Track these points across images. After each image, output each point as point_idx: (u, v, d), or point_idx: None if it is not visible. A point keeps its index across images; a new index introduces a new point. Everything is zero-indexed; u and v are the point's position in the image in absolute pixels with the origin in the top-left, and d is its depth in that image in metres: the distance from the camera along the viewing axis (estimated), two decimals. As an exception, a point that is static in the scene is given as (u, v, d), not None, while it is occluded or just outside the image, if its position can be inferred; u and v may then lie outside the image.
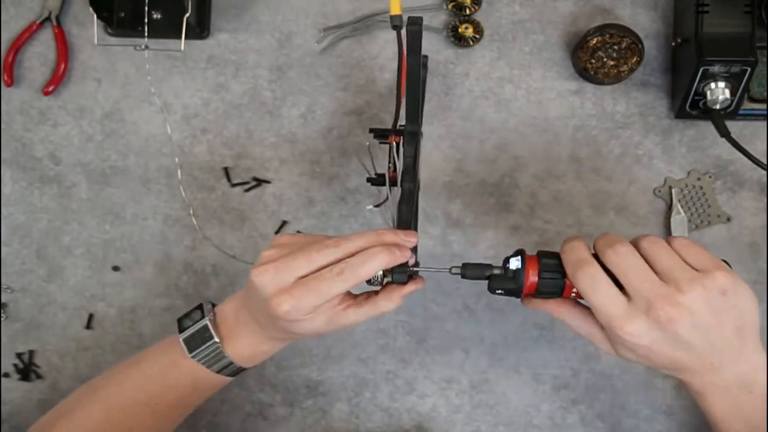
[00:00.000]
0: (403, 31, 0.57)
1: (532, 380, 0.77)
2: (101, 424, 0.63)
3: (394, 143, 0.63)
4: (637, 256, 0.54)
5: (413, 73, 0.58)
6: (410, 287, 0.59)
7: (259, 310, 0.59)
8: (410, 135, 0.62)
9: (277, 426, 0.78)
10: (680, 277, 0.52)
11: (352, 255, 0.56)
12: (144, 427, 0.64)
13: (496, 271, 0.58)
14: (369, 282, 0.57)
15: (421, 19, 0.57)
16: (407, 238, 0.57)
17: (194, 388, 0.64)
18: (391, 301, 0.58)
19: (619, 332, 0.53)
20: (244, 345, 0.62)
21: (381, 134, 0.65)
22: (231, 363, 0.63)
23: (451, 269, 0.59)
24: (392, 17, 0.56)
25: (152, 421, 0.64)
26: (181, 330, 0.63)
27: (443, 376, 0.78)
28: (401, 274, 0.57)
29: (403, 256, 0.56)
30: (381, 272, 0.57)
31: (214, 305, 0.65)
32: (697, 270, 0.53)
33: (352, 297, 0.59)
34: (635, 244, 0.55)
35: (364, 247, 0.56)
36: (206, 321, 0.63)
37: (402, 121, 0.63)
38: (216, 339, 0.62)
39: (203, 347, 0.62)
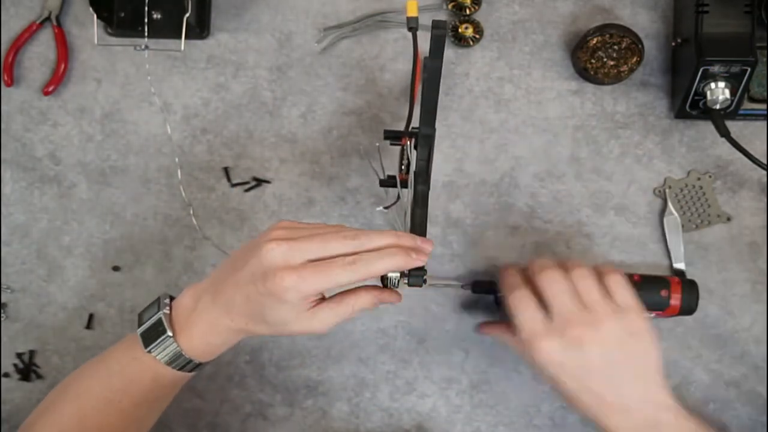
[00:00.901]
0: (420, 33, 0.57)
1: (532, 380, 0.77)
2: (74, 424, 0.63)
3: (407, 145, 0.63)
4: (566, 282, 0.60)
5: (434, 77, 0.58)
6: (387, 296, 0.59)
7: (247, 287, 0.57)
8: (425, 138, 0.61)
9: (277, 426, 0.78)
10: (597, 307, 0.59)
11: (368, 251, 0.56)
12: (112, 425, 0.63)
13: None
14: (384, 284, 0.57)
15: (445, 23, 0.57)
16: (424, 245, 0.58)
17: (155, 384, 0.63)
18: (362, 299, 0.58)
19: (535, 347, 0.59)
20: (196, 336, 0.61)
21: (394, 136, 0.64)
22: (183, 357, 0.61)
23: (462, 285, 0.64)
24: (409, 19, 0.56)
25: (119, 420, 0.63)
26: (140, 324, 0.63)
27: (443, 376, 0.78)
28: (418, 278, 0.57)
29: (419, 261, 0.56)
30: (398, 275, 0.57)
31: (172, 298, 0.64)
32: (618, 306, 0.60)
33: (324, 298, 0.59)
34: (568, 270, 0.61)
35: (381, 247, 0.56)
36: (160, 314, 0.62)
37: (414, 123, 0.63)
38: (169, 333, 0.61)
39: (157, 341, 0.61)
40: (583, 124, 0.78)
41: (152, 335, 0.62)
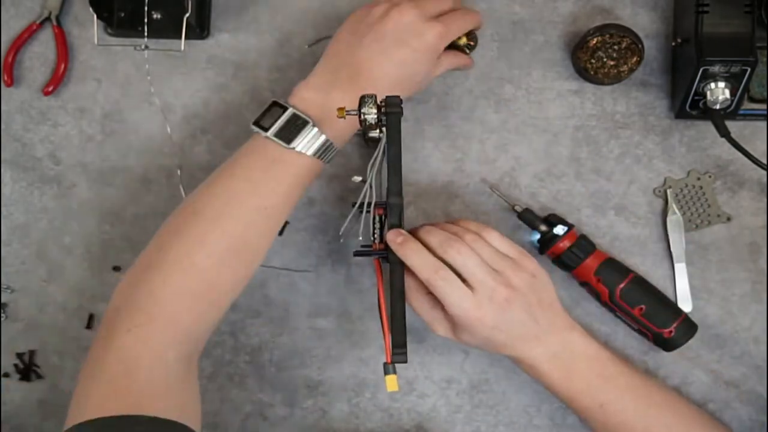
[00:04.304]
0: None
1: (532, 380, 0.77)
2: (238, 236, 0.64)
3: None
4: (474, 254, 0.64)
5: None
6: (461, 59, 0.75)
7: (392, 54, 0.67)
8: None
9: (277, 426, 0.78)
10: (503, 266, 0.64)
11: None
12: (267, 230, 0.67)
13: (543, 227, 0.74)
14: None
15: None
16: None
17: (298, 177, 0.66)
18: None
19: (471, 320, 0.63)
20: (342, 126, 0.66)
21: (364, 254, 0.67)
22: (331, 145, 0.66)
23: (515, 206, 0.74)
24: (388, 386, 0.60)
25: (265, 226, 0.66)
26: (266, 129, 0.66)
27: (443, 376, 0.78)
28: None
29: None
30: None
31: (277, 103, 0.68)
32: (510, 258, 0.65)
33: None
34: (459, 236, 0.65)
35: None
36: (291, 110, 0.66)
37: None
38: (311, 123, 0.65)
39: (301, 134, 0.65)
40: (583, 124, 0.78)
41: (292, 131, 0.65)
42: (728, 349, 0.76)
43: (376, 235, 0.66)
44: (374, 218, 0.66)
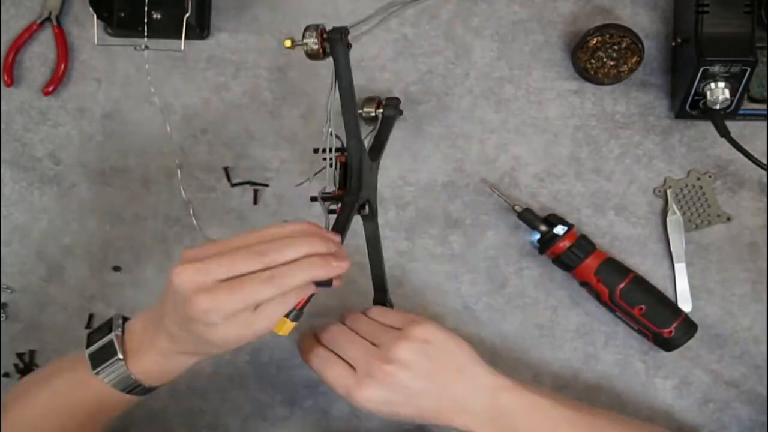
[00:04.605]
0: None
1: (532, 380, 0.77)
2: None
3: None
4: (347, 330, 0.62)
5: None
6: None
7: (175, 316, 0.56)
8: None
9: (277, 426, 0.78)
10: (384, 338, 0.61)
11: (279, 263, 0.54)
12: None
13: (543, 227, 0.74)
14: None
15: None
16: (340, 250, 0.56)
17: (100, 407, 0.62)
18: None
19: (356, 399, 0.60)
20: (150, 361, 0.60)
21: (330, 198, 0.64)
22: (135, 381, 0.60)
23: (515, 206, 0.74)
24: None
25: None
26: (89, 344, 0.61)
27: (443, 376, 0.78)
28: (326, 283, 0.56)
29: (340, 268, 0.55)
30: None
31: (125, 320, 0.63)
32: (398, 329, 0.62)
33: None
34: (342, 320, 0.64)
35: (296, 258, 0.54)
36: (112, 336, 0.60)
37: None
38: (119, 355, 0.59)
39: (106, 364, 0.59)
40: (583, 124, 0.78)
41: (102, 357, 0.60)
42: (728, 349, 0.76)
43: (337, 183, 0.64)
44: (336, 165, 0.63)
